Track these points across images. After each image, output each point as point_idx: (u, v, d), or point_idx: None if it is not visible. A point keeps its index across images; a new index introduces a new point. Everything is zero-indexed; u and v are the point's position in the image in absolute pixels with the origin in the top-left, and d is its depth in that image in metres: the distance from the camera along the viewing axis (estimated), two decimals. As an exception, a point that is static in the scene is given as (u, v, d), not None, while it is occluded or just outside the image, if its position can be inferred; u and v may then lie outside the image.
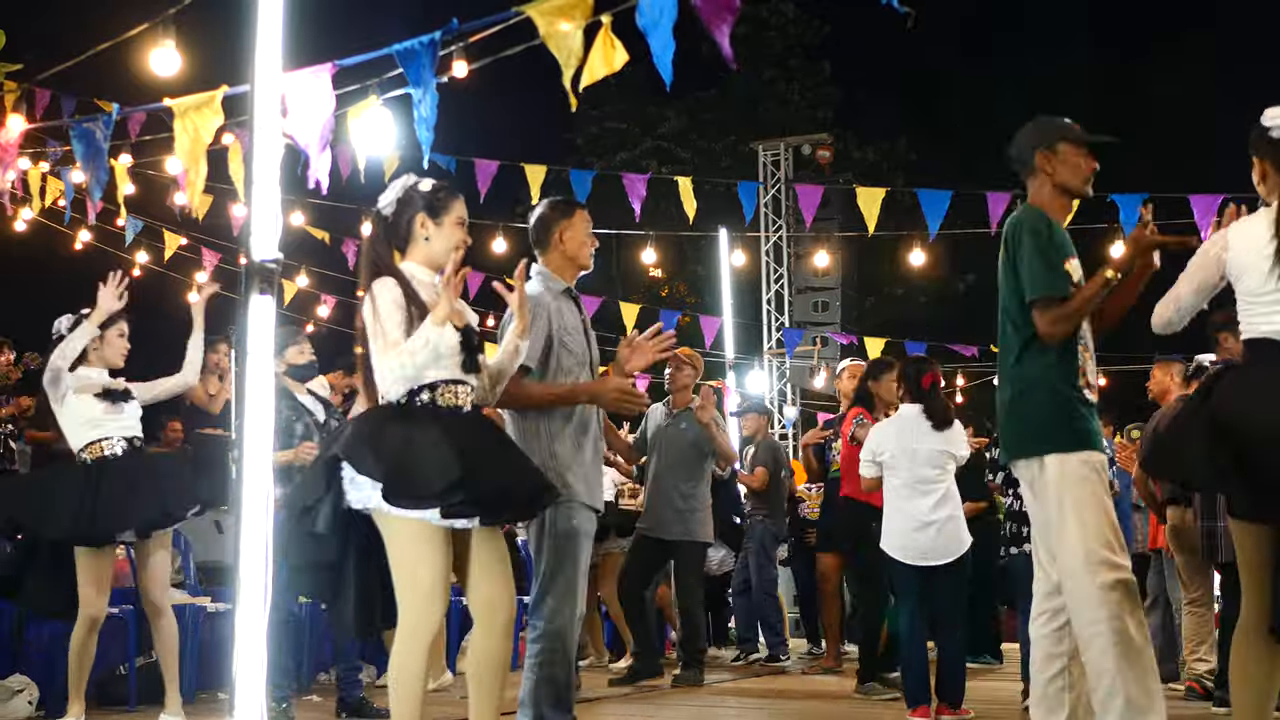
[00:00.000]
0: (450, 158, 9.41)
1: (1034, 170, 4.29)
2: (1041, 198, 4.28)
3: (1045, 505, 4.06)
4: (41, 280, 16.08)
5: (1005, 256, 4.20)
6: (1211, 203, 9.37)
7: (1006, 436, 4.23)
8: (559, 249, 4.67)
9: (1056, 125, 4.31)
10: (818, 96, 27.49)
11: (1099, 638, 3.87)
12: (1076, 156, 4.26)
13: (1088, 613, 3.91)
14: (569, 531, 4.37)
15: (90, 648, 5.65)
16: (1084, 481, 3.99)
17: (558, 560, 4.34)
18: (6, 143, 7.68)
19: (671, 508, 7.91)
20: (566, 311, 4.59)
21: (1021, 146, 4.34)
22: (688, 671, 7.98)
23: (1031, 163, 4.29)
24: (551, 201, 4.82)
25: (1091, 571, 3.91)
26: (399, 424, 3.68)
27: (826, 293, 19.28)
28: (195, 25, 7.17)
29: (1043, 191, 4.28)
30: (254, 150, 3.78)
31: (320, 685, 7.65)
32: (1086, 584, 3.91)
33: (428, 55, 5.92)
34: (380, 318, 3.73)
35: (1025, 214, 4.24)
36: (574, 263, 4.69)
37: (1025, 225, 4.17)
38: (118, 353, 5.86)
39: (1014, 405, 4.16)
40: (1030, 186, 4.34)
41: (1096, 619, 3.88)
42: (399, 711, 3.65)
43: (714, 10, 4.91)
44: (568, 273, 4.69)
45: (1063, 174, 4.25)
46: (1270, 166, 3.80)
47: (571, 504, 4.36)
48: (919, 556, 5.99)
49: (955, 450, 6.05)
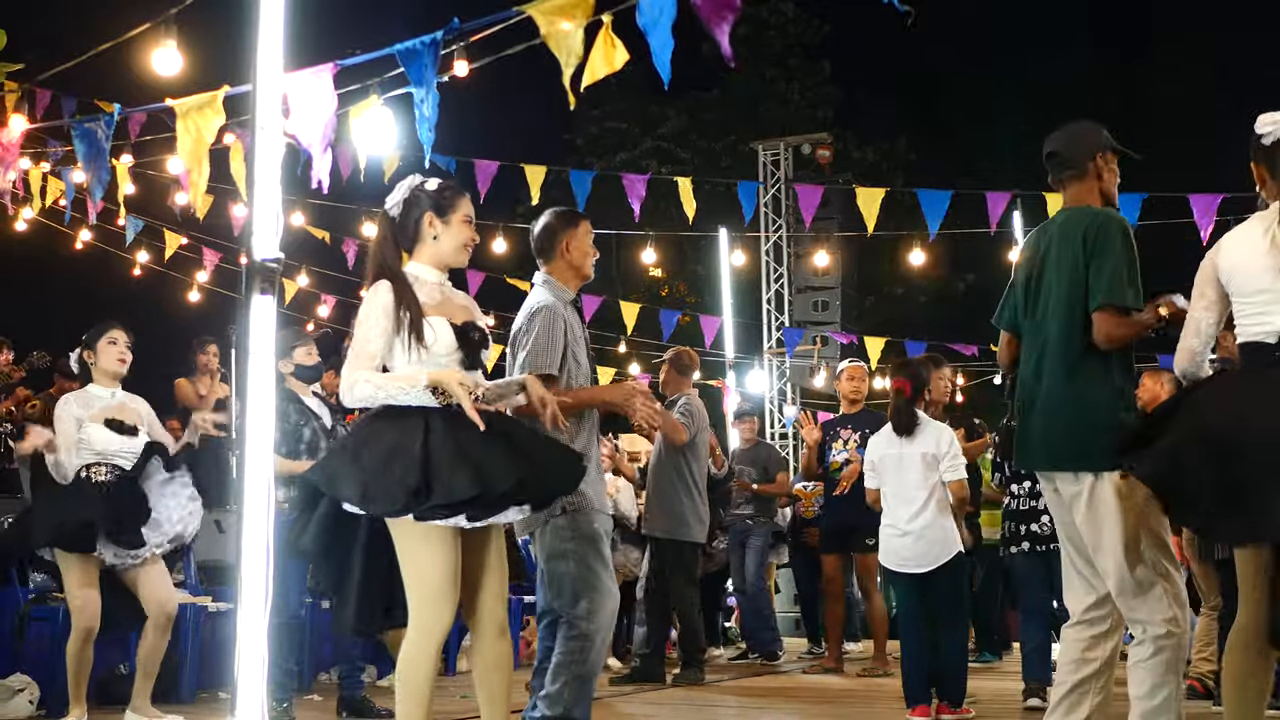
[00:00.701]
0: (450, 158, 9.42)
1: (1084, 173, 4.23)
2: (1084, 201, 4.22)
3: (1098, 521, 3.98)
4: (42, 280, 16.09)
5: (1078, 252, 4.07)
6: (1211, 202, 9.38)
7: (1060, 445, 4.08)
8: (564, 259, 4.69)
9: (1105, 132, 4.28)
10: (817, 96, 27.50)
11: (1163, 652, 3.90)
12: (1115, 165, 4.27)
13: (1150, 630, 3.93)
14: (594, 535, 4.43)
15: (87, 654, 5.63)
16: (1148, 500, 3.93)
17: (588, 564, 4.39)
18: (8, 142, 7.69)
19: (660, 506, 7.95)
20: (574, 323, 4.62)
21: (1077, 147, 4.26)
22: (688, 671, 8.00)
23: (1086, 165, 4.22)
24: (557, 212, 4.83)
25: (1159, 597, 3.93)
26: (391, 429, 3.65)
27: (826, 292, 19.28)
28: (197, 25, 7.18)
29: (1090, 195, 4.23)
30: (255, 150, 3.78)
31: (321, 685, 7.66)
32: (1152, 603, 3.93)
33: (429, 55, 5.93)
34: (363, 324, 3.73)
35: (1112, 216, 4.12)
36: (578, 273, 4.72)
37: (1118, 227, 4.07)
38: (112, 360, 5.84)
39: (1077, 415, 4.03)
40: (1070, 187, 4.27)
41: (1159, 635, 3.91)
42: (405, 711, 3.64)
43: (714, 10, 4.92)
44: (572, 282, 4.71)
45: (1109, 181, 4.24)
46: (1266, 172, 3.80)
47: (588, 511, 4.42)
48: (905, 564, 6.01)
49: (937, 451, 6.02)
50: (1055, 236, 4.19)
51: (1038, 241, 4.29)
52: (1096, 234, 4.06)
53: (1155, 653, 3.92)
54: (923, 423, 6.09)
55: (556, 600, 4.45)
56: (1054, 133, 4.35)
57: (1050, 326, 4.14)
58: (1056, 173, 4.31)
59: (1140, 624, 3.96)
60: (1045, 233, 4.29)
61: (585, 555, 4.39)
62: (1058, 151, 4.30)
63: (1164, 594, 3.94)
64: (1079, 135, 4.28)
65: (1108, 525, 3.96)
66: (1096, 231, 4.06)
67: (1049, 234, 4.25)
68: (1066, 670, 4.15)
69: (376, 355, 3.70)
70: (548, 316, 4.50)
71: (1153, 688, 3.91)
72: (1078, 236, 4.09)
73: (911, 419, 6.07)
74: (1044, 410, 4.13)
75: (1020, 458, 4.36)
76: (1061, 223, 4.22)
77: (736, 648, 10.52)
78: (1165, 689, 3.90)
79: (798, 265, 18.52)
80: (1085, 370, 4.05)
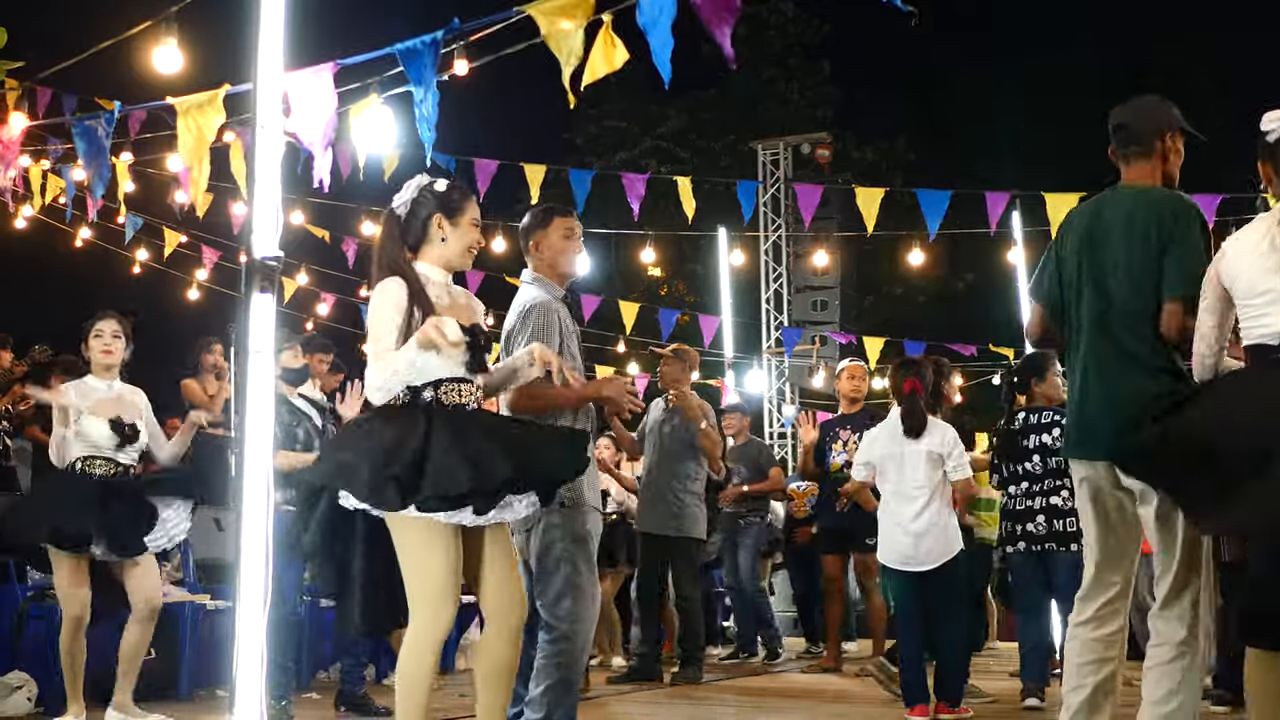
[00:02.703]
0: (450, 157, 9.42)
1: (1151, 151, 4.07)
2: (1148, 180, 4.07)
3: (1175, 518, 3.84)
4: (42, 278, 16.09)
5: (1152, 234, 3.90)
6: (1210, 203, 9.38)
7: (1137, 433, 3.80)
8: (539, 257, 4.74)
9: (1175, 110, 4.13)
10: (817, 96, 27.50)
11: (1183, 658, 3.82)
12: (1181, 146, 4.12)
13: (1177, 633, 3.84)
14: (585, 535, 4.42)
15: (80, 646, 5.62)
16: None
17: (574, 565, 4.37)
18: (8, 140, 7.69)
19: (664, 503, 7.94)
20: (565, 318, 4.63)
21: (1147, 122, 4.10)
22: (687, 669, 8.00)
23: (1154, 142, 4.07)
24: (532, 210, 4.86)
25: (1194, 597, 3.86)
26: (390, 426, 3.66)
27: (825, 292, 19.29)
28: (197, 23, 7.18)
29: (1153, 174, 4.08)
30: (255, 148, 3.78)
31: (320, 683, 7.67)
32: (1185, 604, 3.85)
33: (429, 54, 5.93)
34: (376, 320, 3.73)
35: (1192, 203, 3.96)
36: (554, 270, 4.73)
37: (1198, 215, 3.92)
38: (98, 353, 5.82)
39: (1156, 403, 3.79)
40: (1134, 164, 4.10)
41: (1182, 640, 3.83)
42: (404, 710, 3.64)
43: (715, 10, 4.92)
44: (555, 279, 4.73)
45: (1174, 163, 4.10)
46: (1271, 170, 3.78)
47: (583, 509, 4.41)
48: (906, 562, 6.00)
49: (941, 451, 6.02)
50: (1124, 215, 4.00)
51: (1093, 217, 4.10)
52: (1176, 219, 3.90)
53: (1176, 657, 3.83)
54: (929, 423, 6.09)
55: (540, 599, 4.44)
56: (1122, 105, 4.19)
57: (1117, 310, 3.96)
58: (1122, 147, 4.13)
59: (1171, 624, 3.86)
60: (1103, 210, 4.10)
61: (574, 556, 4.38)
62: (1126, 124, 4.12)
63: (1199, 597, 3.87)
64: (1149, 110, 4.13)
65: (1180, 523, 3.84)
66: (1176, 216, 3.91)
67: (1110, 210, 4.05)
68: (1087, 671, 4.00)
69: (391, 351, 3.69)
70: (543, 312, 4.53)
71: (1168, 693, 3.82)
72: (1154, 218, 3.92)
73: (923, 421, 6.05)
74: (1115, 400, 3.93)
75: (1079, 445, 4.08)
76: (1131, 199, 4.04)
77: (730, 647, 10.52)
78: (1180, 695, 3.81)
79: (797, 265, 18.52)
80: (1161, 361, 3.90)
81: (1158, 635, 3.89)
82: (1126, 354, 3.94)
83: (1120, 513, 4.02)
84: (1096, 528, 4.07)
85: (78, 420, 5.69)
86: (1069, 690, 4.04)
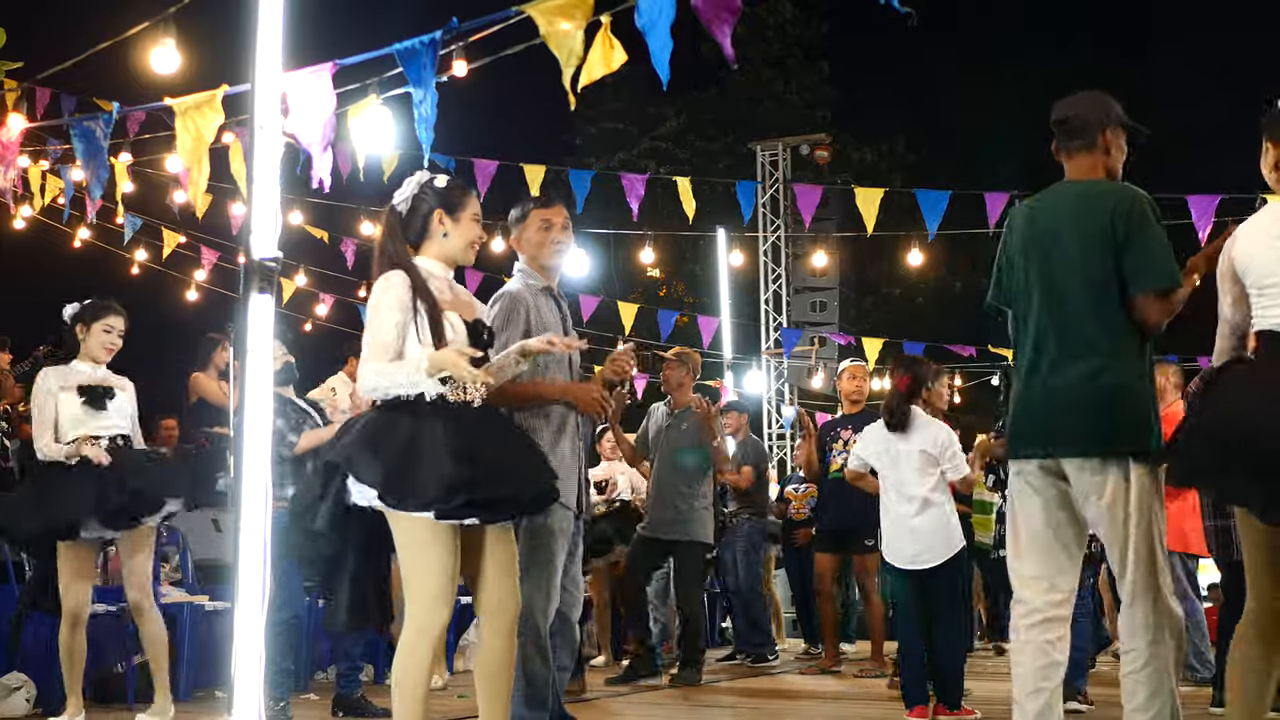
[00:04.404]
0: (449, 157, 9.42)
1: (1094, 144, 4.01)
2: (1092, 175, 4.03)
3: (1126, 512, 3.78)
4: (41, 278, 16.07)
5: (1107, 230, 3.84)
6: (1210, 203, 9.39)
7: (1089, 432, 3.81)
8: (521, 250, 4.77)
9: (1118, 105, 4.09)
10: (816, 96, 27.54)
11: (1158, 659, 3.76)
12: (1123, 142, 4.07)
13: (1152, 633, 3.77)
14: (544, 529, 4.38)
15: (79, 644, 5.60)
16: (1162, 494, 3.85)
17: (530, 557, 4.32)
18: (7, 141, 7.68)
19: (671, 508, 7.94)
20: (545, 310, 4.64)
21: (1089, 114, 4.05)
22: (685, 671, 8.00)
23: (1096, 136, 4.01)
24: (516, 206, 4.85)
25: (1167, 589, 3.80)
26: (405, 421, 3.66)
27: (824, 293, 19.32)
28: (195, 24, 7.18)
29: (1096, 169, 4.03)
30: (254, 149, 3.78)
31: (317, 684, 7.66)
32: (1163, 601, 3.78)
33: (428, 54, 5.92)
34: (376, 315, 3.72)
35: (1141, 194, 3.90)
36: (534, 262, 4.74)
37: (1149, 204, 3.86)
38: (100, 345, 5.76)
39: (1111, 402, 3.79)
40: (1076, 158, 4.05)
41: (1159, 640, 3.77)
42: (402, 711, 3.63)
43: (715, 10, 4.92)
44: (539, 271, 4.73)
45: (1117, 157, 4.05)
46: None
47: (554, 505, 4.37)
48: (907, 560, 6.01)
49: (932, 449, 6.02)
50: (1070, 211, 3.96)
51: (1037, 215, 4.07)
52: (1129, 212, 3.85)
53: (1149, 660, 3.77)
54: (917, 420, 6.08)
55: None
56: (1065, 99, 4.15)
57: (1070, 305, 3.89)
58: (1064, 141, 4.09)
59: (1138, 628, 3.79)
60: (1047, 206, 4.06)
61: (536, 552, 4.34)
62: (1067, 119, 4.09)
63: (1164, 587, 3.81)
64: (1091, 103, 4.08)
65: (1134, 515, 3.78)
66: (1129, 210, 3.85)
67: (1055, 208, 4.01)
68: (1040, 676, 3.91)
69: (391, 346, 3.68)
70: (508, 300, 4.56)
71: (1148, 698, 3.77)
72: (1104, 213, 3.87)
73: (905, 415, 6.06)
74: (1064, 395, 3.87)
75: (1023, 444, 4.00)
76: (1078, 195, 3.99)
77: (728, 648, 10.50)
78: (1160, 697, 3.76)
79: (796, 265, 18.52)
80: (1116, 355, 3.84)
81: (1125, 643, 3.83)
82: (1082, 351, 3.87)
83: (1066, 510, 3.94)
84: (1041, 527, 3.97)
85: (56, 408, 5.66)
86: (1026, 695, 3.94)
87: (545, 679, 4.46)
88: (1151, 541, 3.80)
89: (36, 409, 5.66)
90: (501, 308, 4.54)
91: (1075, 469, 3.87)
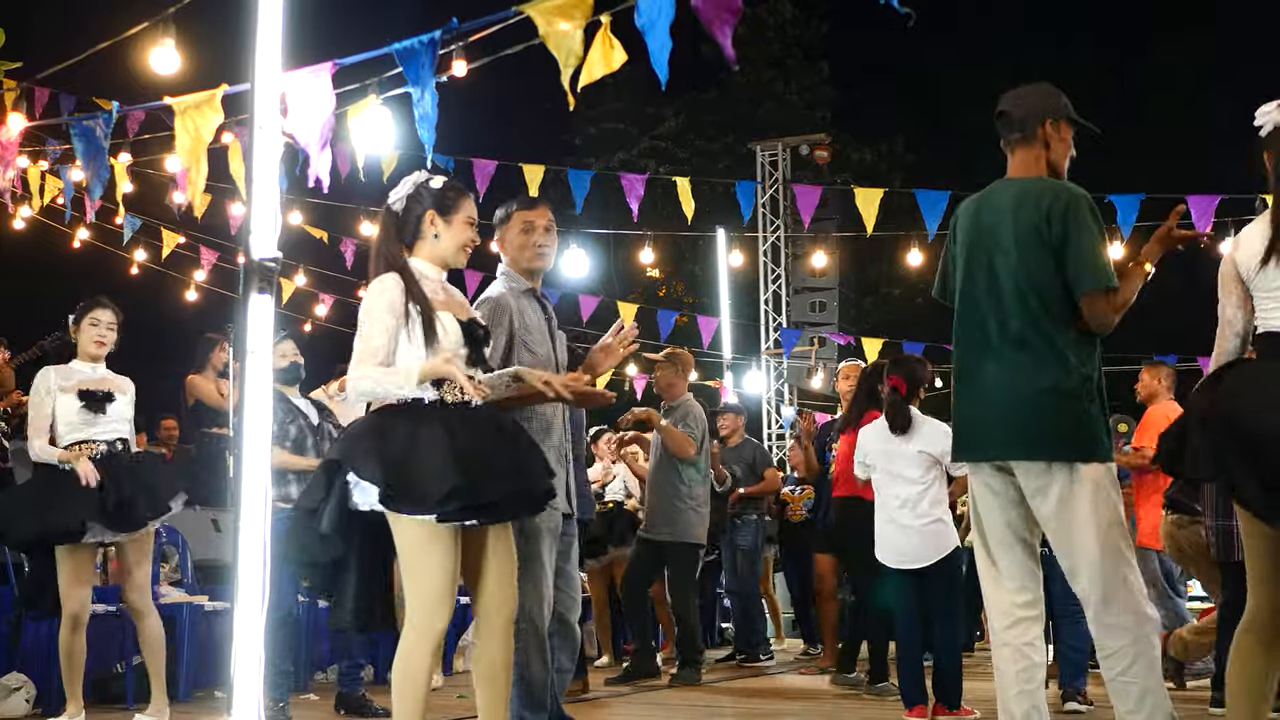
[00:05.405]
0: (449, 157, 9.42)
1: (1033, 137, 3.98)
2: (1032, 170, 3.99)
3: (1074, 514, 3.76)
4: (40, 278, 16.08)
5: (1043, 230, 3.81)
6: (1209, 203, 9.37)
7: (1031, 434, 3.79)
8: (504, 252, 4.75)
9: (1063, 99, 4.05)
10: (815, 97, 27.54)
11: (1143, 655, 3.73)
12: (1069, 137, 4.04)
13: (1132, 632, 3.74)
14: (533, 529, 4.37)
15: (78, 646, 5.60)
16: (1118, 492, 3.83)
17: (528, 561, 4.31)
18: (6, 141, 7.67)
19: (663, 509, 7.95)
20: (529, 311, 4.62)
21: (1028, 109, 4.01)
22: (685, 671, 8.00)
23: (1035, 129, 3.98)
24: (501, 207, 4.85)
25: (1135, 588, 3.76)
26: (405, 423, 3.66)
27: (824, 293, 19.29)
28: (195, 24, 7.17)
29: (1037, 164, 3.99)
30: (254, 149, 3.78)
31: (317, 684, 7.66)
32: (1132, 601, 3.75)
33: (427, 54, 5.92)
34: (367, 318, 3.72)
35: (1078, 192, 3.86)
36: (516, 265, 4.72)
37: (1085, 205, 3.83)
38: (90, 341, 5.76)
39: (1052, 403, 3.77)
40: (1017, 152, 4.02)
41: (1140, 637, 3.73)
42: (402, 711, 3.63)
43: (715, 11, 4.91)
44: (522, 274, 4.72)
45: (1059, 151, 4.00)
46: (1271, 160, 3.77)
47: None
48: (903, 560, 6.01)
49: (932, 450, 6.01)
50: (1008, 209, 3.91)
51: (979, 212, 4.03)
52: (1066, 212, 3.81)
53: (1132, 662, 3.73)
54: (918, 420, 6.08)
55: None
56: (1009, 91, 4.12)
57: (1007, 305, 3.86)
58: (1004, 134, 4.07)
59: (1115, 632, 3.75)
60: (989, 203, 4.01)
61: (527, 551, 4.33)
62: (1007, 112, 4.04)
63: (1134, 584, 3.77)
64: (1031, 96, 4.04)
65: (1084, 519, 3.75)
66: (1065, 209, 3.81)
67: (995, 205, 3.97)
68: (1021, 679, 3.90)
69: (381, 351, 3.68)
70: (491, 306, 4.53)
71: (1138, 699, 3.73)
72: (1040, 213, 3.83)
73: (906, 417, 6.07)
74: (1005, 397, 3.84)
75: (970, 448, 3.98)
76: (1015, 193, 3.94)
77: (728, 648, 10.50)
78: (1150, 695, 3.74)
79: (795, 266, 18.51)
80: (1055, 355, 3.80)
81: (1105, 648, 3.77)
82: (1019, 352, 3.84)
83: (1026, 507, 3.90)
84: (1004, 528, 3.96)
85: (53, 408, 5.66)
86: (1010, 698, 3.93)
87: (544, 680, 4.45)
88: (1115, 541, 3.76)
89: (34, 408, 5.66)
90: (484, 314, 4.50)
91: (1022, 471, 3.85)
